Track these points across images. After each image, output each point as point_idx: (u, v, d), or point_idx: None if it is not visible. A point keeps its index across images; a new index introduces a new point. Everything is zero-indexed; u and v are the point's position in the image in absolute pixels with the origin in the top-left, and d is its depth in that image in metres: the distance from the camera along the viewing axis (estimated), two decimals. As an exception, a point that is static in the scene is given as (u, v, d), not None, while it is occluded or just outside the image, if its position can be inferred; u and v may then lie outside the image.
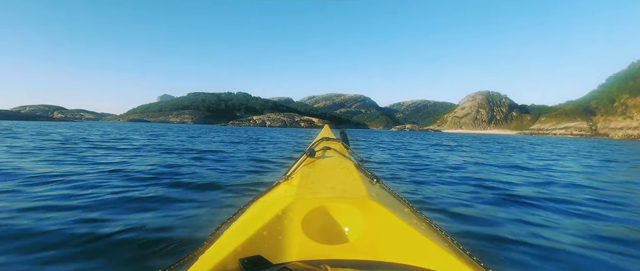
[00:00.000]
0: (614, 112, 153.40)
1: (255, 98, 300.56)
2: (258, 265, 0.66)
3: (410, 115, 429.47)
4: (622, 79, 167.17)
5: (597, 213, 2.52)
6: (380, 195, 1.01)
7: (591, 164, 7.01)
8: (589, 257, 1.64)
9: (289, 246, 0.75)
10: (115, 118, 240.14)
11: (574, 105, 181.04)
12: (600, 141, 48.49)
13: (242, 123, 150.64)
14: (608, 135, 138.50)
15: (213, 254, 0.74)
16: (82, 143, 7.78)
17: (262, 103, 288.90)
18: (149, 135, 14.66)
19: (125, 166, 4.20)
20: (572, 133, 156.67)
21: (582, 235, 1.98)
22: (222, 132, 26.58)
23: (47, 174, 3.32)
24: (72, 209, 2.14)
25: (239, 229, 0.87)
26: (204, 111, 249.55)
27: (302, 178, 1.15)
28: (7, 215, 1.96)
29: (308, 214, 0.83)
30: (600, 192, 3.51)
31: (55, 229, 1.73)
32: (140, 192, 2.71)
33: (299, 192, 0.95)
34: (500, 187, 3.56)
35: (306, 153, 1.55)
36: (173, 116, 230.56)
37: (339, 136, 2.54)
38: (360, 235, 0.78)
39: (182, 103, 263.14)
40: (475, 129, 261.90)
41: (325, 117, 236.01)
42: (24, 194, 2.48)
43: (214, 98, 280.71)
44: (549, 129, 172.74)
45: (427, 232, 0.81)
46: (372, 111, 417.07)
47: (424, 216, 0.94)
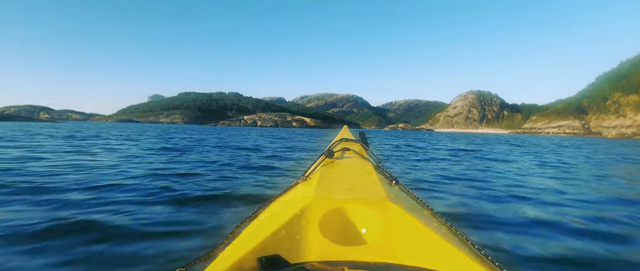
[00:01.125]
0: (607, 110, 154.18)
1: (247, 98, 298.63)
2: (276, 264, 0.67)
3: (402, 114, 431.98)
4: (612, 78, 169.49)
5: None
6: (399, 197, 1.00)
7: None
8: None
9: (307, 247, 0.75)
10: (103, 119, 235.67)
11: (565, 103, 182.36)
12: (599, 140, 46.80)
13: (233, 123, 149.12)
14: (601, 133, 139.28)
15: (232, 252, 0.75)
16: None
17: (254, 103, 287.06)
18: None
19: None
20: (564, 132, 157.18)
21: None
22: (199, 132, 25.51)
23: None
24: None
25: (258, 228, 0.88)
26: (195, 111, 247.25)
27: (320, 178, 1.14)
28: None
29: (326, 215, 0.83)
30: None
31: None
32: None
33: (317, 193, 0.94)
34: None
35: (325, 153, 1.53)
36: (163, 116, 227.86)
37: (358, 137, 2.44)
38: (378, 237, 0.78)
39: (173, 103, 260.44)
40: (467, 128, 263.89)
41: (318, 117, 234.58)
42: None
43: (205, 98, 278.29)
44: (542, 128, 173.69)
45: (447, 236, 0.80)
46: (364, 111, 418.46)
47: (444, 220, 0.93)
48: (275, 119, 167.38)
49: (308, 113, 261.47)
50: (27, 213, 2.13)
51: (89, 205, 2.37)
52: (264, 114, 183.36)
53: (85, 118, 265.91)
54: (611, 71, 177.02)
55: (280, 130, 60.85)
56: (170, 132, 21.11)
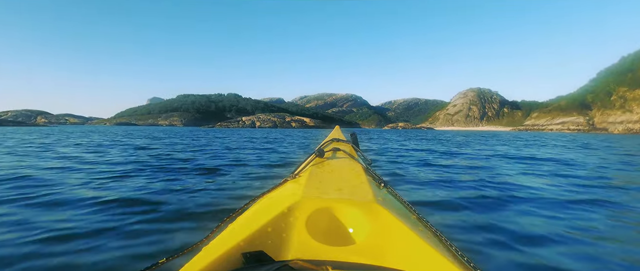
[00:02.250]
0: (612, 105, 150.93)
1: (246, 99, 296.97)
2: (260, 260, 0.67)
3: (402, 113, 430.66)
4: (614, 73, 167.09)
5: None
6: (387, 199, 1.00)
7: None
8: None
9: (292, 244, 0.75)
10: (102, 122, 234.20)
11: (569, 99, 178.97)
12: (608, 137, 44.73)
13: (231, 125, 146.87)
14: (607, 129, 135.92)
15: (216, 246, 0.75)
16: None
17: (253, 104, 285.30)
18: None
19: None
20: (569, 128, 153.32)
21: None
22: (186, 136, 24.02)
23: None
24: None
25: (244, 224, 0.88)
26: (193, 113, 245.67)
27: (309, 177, 1.14)
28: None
29: (313, 214, 0.83)
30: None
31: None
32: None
33: (305, 191, 0.94)
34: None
35: (315, 153, 1.52)
36: (162, 119, 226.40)
37: (350, 138, 2.43)
38: (364, 238, 0.78)
39: (172, 105, 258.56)
40: (467, 126, 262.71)
41: (317, 117, 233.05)
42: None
43: (203, 99, 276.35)
44: (545, 125, 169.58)
45: (431, 241, 0.80)
46: (363, 110, 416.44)
47: (430, 225, 0.93)
48: (274, 120, 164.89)
49: (307, 113, 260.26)
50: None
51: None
52: (262, 115, 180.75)
53: (84, 122, 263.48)
54: (613, 66, 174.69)
55: (279, 130, 58.87)
56: (157, 135, 19.59)
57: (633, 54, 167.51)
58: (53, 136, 16.55)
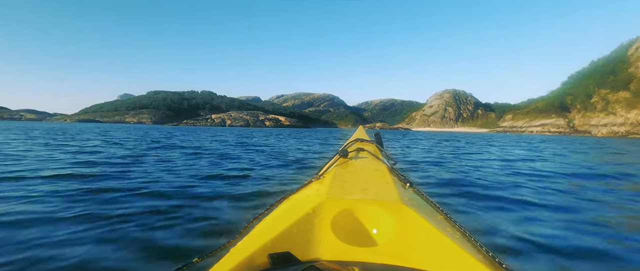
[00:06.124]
0: (593, 108, 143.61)
1: (221, 97, 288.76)
2: (287, 261, 0.67)
3: (379, 113, 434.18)
4: (588, 77, 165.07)
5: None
6: (413, 200, 0.99)
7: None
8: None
9: (318, 245, 0.75)
10: (62, 119, 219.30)
11: (547, 101, 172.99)
12: (599, 140, 41.10)
13: (198, 123, 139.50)
14: (590, 132, 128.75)
15: (243, 247, 0.76)
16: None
17: (227, 102, 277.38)
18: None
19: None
20: (549, 130, 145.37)
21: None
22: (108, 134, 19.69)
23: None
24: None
25: (270, 225, 0.87)
26: (164, 110, 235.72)
27: (333, 178, 1.14)
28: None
29: (338, 214, 0.83)
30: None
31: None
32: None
33: (330, 192, 0.94)
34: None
35: (339, 153, 1.53)
36: (130, 116, 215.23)
37: (374, 138, 2.42)
38: (390, 239, 0.77)
39: (141, 102, 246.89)
40: (443, 127, 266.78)
41: (294, 116, 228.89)
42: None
43: (176, 96, 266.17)
44: (524, 127, 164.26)
45: (460, 241, 0.78)
46: (340, 110, 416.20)
47: (458, 226, 0.90)
48: (246, 118, 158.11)
49: (284, 112, 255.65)
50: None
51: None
52: (234, 113, 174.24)
53: (41, 117, 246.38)
54: (585, 70, 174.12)
55: (252, 129, 52.49)
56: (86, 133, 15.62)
57: (603, 59, 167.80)
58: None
